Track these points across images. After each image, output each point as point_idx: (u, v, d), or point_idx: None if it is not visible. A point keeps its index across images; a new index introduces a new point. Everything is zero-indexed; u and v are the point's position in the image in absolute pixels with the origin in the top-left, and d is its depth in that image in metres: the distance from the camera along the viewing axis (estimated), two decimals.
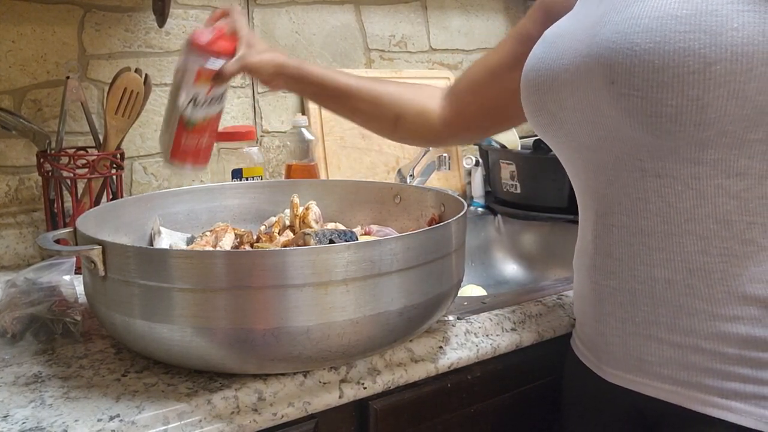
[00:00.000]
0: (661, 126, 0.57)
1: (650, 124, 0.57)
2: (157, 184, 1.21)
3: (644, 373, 0.65)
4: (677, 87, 0.55)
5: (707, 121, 0.55)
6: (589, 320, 0.71)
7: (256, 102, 1.31)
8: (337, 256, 0.59)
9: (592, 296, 0.70)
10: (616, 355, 0.68)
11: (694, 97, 0.54)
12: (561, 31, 0.69)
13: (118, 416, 0.57)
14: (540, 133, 0.73)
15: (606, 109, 0.61)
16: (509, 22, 1.64)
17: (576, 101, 0.64)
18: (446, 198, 0.84)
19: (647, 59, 0.56)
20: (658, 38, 0.55)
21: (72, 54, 1.11)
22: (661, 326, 0.63)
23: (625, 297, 0.65)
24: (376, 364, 0.70)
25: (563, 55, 0.66)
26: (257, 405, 0.63)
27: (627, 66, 0.57)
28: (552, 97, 0.67)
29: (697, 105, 0.55)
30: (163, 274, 0.59)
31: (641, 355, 0.65)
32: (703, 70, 0.54)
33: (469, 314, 0.82)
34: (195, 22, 1.22)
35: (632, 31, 0.57)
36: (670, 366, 0.63)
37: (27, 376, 0.65)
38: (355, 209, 0.94)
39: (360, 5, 1.42)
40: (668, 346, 0.63)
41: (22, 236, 1.08)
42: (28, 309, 0.74)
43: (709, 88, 0.54)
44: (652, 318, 0.64)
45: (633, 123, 0.59)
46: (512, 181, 1.39)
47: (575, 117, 0.65)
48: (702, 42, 0.54)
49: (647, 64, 0.56)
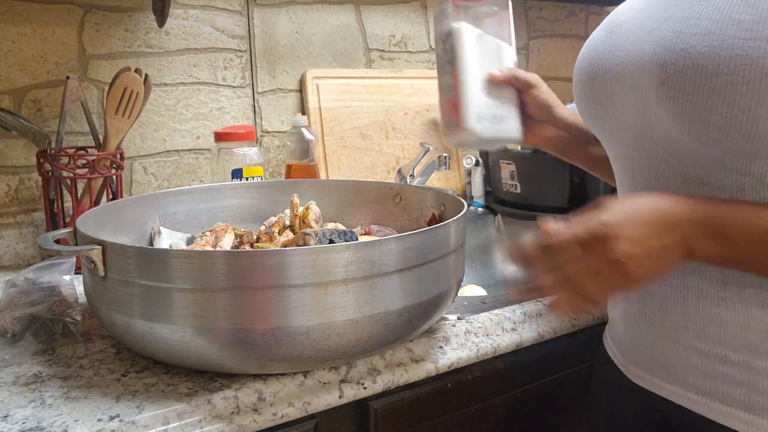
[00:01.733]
0: (708, 134, 0.55)
1: (697, 131, 0.55)
2: (157, 184, 1.21)
3: (669, 378, 0.64)
4: (729, 95, 0.52)
5: (757, 134, 0.53)
6: (618, 319, 0.71)
7: (256, 102, 1.31)
8: (337, 256, 0.59)
9: (622, 296, 0.69)
10: (643, 356, 0.67)
11: (746, 107, 0.52)
12: (622, 19, 0.67)
13: (118, 416, 0.57)
14: (587, 122, 0.72)
15: (655, 109, 0.59)
16: None
17: (626, 96, 0.63)
18: (446, 198, 0.84)
19: (701, 63, 0.54)
20: (716, 42, 0.53)
21: (72, 54, 1.11)
22: (690, 333, 0.62)
23: (656, 302, 0.64)
24: (376, 364, 0.70)
25: (619, 46, 0.64)
26: (257, 405, 0.63)
27: (679, 68, 0.55)
28: (602, 87, 0.66)
29: (748, 116, 0.52)
30: (163, 274, 0.59)
31: (668, 359, 0.64)
32: (759, 81, 0.51)
33: (469, 314, 0.82)
34: (195, 22, 1.22)
35: (689, 32, 0.55)
36: (696, 374, 0.62)
37: (27, 376, 0.65)
38: (355, 209, 0.94)
39: (360, 5, 1.42)
40: (696, 354, 0.62)
41: (22, 236, 1.08)
42: (28, 309, 0.74)
43: (762, 100, 0.51)
44: (682, 324, 0.62)
45: (680, 127, 0.57)
46: (512, 181, 1.39)
47: (623, 112, 0.64)
48: (762, 51, 0.51)
49: (700, 68, 0.54)
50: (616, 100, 0.65)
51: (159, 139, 1.21)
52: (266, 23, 1.30)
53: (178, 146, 1.23)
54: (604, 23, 0.70)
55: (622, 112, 0.64)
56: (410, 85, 1.47)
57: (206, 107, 1.25)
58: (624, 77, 0.63)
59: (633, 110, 0.63)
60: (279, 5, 1.31)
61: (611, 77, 0.65)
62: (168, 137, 1.22)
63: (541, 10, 1.68)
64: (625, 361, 0.71)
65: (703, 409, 0.62)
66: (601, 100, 0.67)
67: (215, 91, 1.26)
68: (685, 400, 0.63)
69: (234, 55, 1.27)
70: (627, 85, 0.63)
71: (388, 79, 1.45)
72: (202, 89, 1.24)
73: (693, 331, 0.62)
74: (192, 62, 1.23)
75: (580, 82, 0.70)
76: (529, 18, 1.67)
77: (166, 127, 1.21)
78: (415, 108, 1.47)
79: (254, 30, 1.29)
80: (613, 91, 0.65)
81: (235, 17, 1.26)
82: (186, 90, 1.23)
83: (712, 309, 0.60)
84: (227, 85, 1.27)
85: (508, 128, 0.77)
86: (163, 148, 1.21)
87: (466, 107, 0.74)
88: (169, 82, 1.21)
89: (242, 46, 1.28)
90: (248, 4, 1.28)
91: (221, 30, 1.25)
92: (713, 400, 0.61)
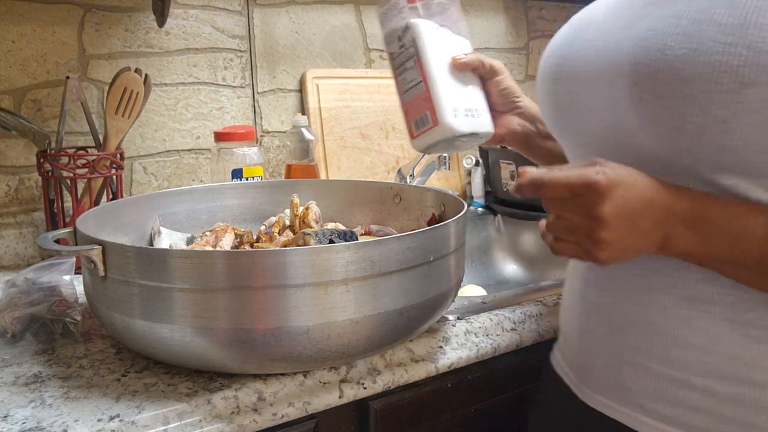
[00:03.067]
0: (680, 142, 0.51)
1: (669, 138, 0.52)
2: (157, 184, 1.21)
3: (626, 403, 0.60)
4: (704, 104, 0.49)
5: (730, 148, 0.49)
6: (573, 335, 0.67)
7: (256, 102, 1.31)
8: (337, 256, 0.59)
9: (580, 310, 0.65)
10: (599, 378, 0.63)
11: (721, 118, 0.48)
12: (592, 18, 0.63)
13: (118, 416, 0.57)
14: (549, 125, 0.68)
15: (624, 113, 0.55)
16: (509, 22, 1.64)
17: (593, 99, 0.59)
18: (446, 198, 0.84)
19: (677, 66, 0.50)
20: (694, 45, 0.49)
21: (72, 54, 1.11)
22: (652, 356, 0.58)
23: (616, 319, 0.60)
24: (376, 364, 0.70)
25: (589, 45, 0.60)
26: (257, 405, 0.63)
27: (653, 69, 0.51)
28: (568, 88, 0.62)
29: (723, 128, 0.49)
30: (163, 274, 0.59)
31: (625, 382, 0.60)
32: (737, 91, 0.47)
33: (469, 314, 0.82)
34: (195, 22, 1.22)
35: (668, 32, 0.51)
36: (655, 399, 0.58)
37: (27, 376, 0.65)
38: (355, 209, 0.94)
39: (360, 5, 1.42)
40: (656, 378, 0.58)
41: (22, 236, 1.08)
42: (28, 309, 0.74)
43: (739, 112, 0.48)
44: (643, 346, 0.58)
45: (650, 134, 0.53)
46: (512, 181, 1.39)
47: (590, 116, 0.60)
48: (743, 58, 0.47)
49: (676, 71, 0.50)
50: (582, 103, 0.60)
51: (159, 139, 1.21)
52: (266, 23, 1.30)
53: (178, 146, 1.23)
54: (570, 22, 0.66)
55: (589, 116, 0.60)
56: None
57: (206, 107, 1.25)
58: (592, 78, 0.59)
59: (601, 114, 0.58)
60: (279, 5, 1.31)
61: (578, 78, 0.60)
62: (168, 137, 1.22)
63: (541, 10, 1.68)
64: (578, 381, 0.66)
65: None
66: (566, 103, 0.62)
67: (215, 91, 1.26)
68: (642, 425, 0.59)
69: (234, 55, 1.27)
70: (596, 86, 0.58)
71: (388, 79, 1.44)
72: (202, 89, 1.24)
73: (655, 352, 0.58)
74: (192, 62, 1.23)
75: (544, 83, 0.65)
76: (529, 18, 1.67)
77: (166, 127, 1.21)
78: None
79: (254, 30, 1.29)
80: (580, 94, 0.60)
81: (235, 17, 1.26)
82: (186, 90, 1.23)
83: (676, 330, 0.56)
84: (227, 85, 1.27)
85: (483, 122, 0.73)
86: (163, 148, 1.21)
87: (439, 101, 0.69)
88: (169, 82, 1.21)
89: (242, 46, 1.28)
90: (248, 4, 1.28)
91: (221, 30, 1.25)
92: (673, 426, 0.57)
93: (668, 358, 0.57)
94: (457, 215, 0.71)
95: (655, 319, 0.58)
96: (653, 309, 0.58)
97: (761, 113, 0.48)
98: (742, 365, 0.54)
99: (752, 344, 0.54)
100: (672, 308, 0.57)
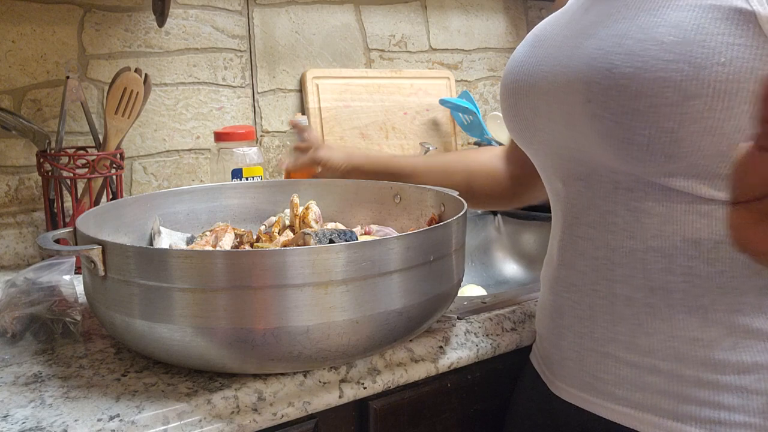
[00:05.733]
0: (631, 153, 0.55)
1: (621, 149, 0.55)
2: (157, 184, 1.21)
3: (598, 393, 0.63)
4: (651, 117, 0.52)
5: (679, 155, 0.53)
6: (547, 333, 0.70)
7: (256, 102, 1.31)
8: (337, 255, 0.59)
9: (552, 308, 0.68)
10: (571, 371, 0.66)
11: (668, 129, 0.52)
12: (544, 35, 0.67)
13: (118, 416, 0.57)
14: (514, 137, 0.71)
15: (580, 126, 0.59)
16: (509, 22, 1.64)
17: (552, 111, 0.62)
18: (446, 198, 0.83)
19: (624, 84, 0.53)
20: (639, 63, 0.52)
21: (72, 54, 1.11)
22: (619, 344, 0.61)
23: (584, 312, 0.64)
24: (376, 364, 0.70)
25: (543, 61, 0.64)
26: (257, 405, 0.63)
27: (604, 87, 0.54)
28: (528, 103, 0.65)
29: (671, 138, 0.52)
30: (163, 274, 0.59)
31: (596, 373, 0.63)
32: (681, 104, 0.51)
33: (469, 314, 0.82)
34: (195, 22, 1.22)
35: (613, 51, 0.54)
36: (624, 386, 0.61)
37: (27, 376, 0.65)
38: (355, 209, 0.94)
39: (360, 5, 1.42)
40: (625, 366, 0.61)
41: (22, 236, 1.08)
42: (28, 309, 0.74)
43: (684, 122, 0.51)
44: (611, 335, 0.61)
45: (605, 145, 0.57)
46: None
47: (550, 127, 0.63)
48: (684, 74, 0.50)
49: (623, 88, 0.53)
50: (541, 115, 0.64)
51: (159, 139, 1.21)
52: (266, 23, 1.30)
53: (178, 146, 1.23)
54: (527, 37, 0.69)
55: (549, 126, 0.63)
56: (410, 85, 1.47)
57: (206, 107, 1.25)
58: (549, 92, 0.62)
59: (560, 125, 0.61)
60: (279, 5, 1.31)
61: (536, 92, 0.63)
62: (168, 137, 1.22)
63: (541, 10, 1.68)
64: (551, 376, 0.69)
65: (631, 421, 0.61)
66: (527, 115, 0.65)
67: (215, 91, 1.26)
68: (614, 413, 0.62)
69: (234, 55, 1.27)
70: (553, 100, 0.61)
71: (388, 79, 1.45)
72: (202, 89, 1.24)
73: (622, 341, 0.61)
74: (192, 62, 1.23)
75: (506, 98, 0.68)
76: (529, 18, 1.67)
77: (166, 127, 1.21)
78: (415, 108, 1.47)
79: (254, 30, 1.29)
80: (539, 106, 0.64)
81: (235, 17, 1.26)
82: (186, 90, 1.23)
83: (639, 317, 0.59)
84: (227, 85, 1.27)
85: None
86: (163, 148, 1.21)
87: None
88: (169, 82, 1.21)
89: (242, 46, 1.28)
90: (248, 4, 1.28)
91: (221, 30, 1.25)
92: (642, 411, 0.60)
93: (635, 344, 0.60)
94: (457, 215, 0.71)
95: (620, 309, 0.61)
96: (618, 300, 0.61)
97: (705, 121, 0.51)
98: (701, 347, 0.57)
99: (709, 326, 0.57)
100: (634, 296, 0.60)
